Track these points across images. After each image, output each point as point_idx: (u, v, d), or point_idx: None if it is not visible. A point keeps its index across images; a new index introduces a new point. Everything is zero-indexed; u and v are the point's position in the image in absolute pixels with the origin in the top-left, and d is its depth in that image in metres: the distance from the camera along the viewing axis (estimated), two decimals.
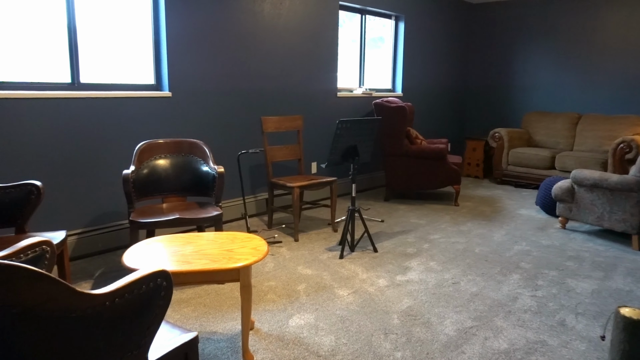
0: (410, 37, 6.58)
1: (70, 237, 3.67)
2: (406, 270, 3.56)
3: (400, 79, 6.57)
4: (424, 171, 5.47)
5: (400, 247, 4.07)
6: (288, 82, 5.10)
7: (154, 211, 3.30)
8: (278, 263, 3.67)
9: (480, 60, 7.77)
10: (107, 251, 3.87)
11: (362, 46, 6.09)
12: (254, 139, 4.88)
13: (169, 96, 4.16)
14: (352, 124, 3.70)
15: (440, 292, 3.17)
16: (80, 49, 3.72)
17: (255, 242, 2.48)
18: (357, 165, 3.86)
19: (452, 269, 3.59)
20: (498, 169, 6.78)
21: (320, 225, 4.70)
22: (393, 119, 5.40)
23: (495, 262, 3.74)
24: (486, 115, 7.83)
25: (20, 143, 3.36)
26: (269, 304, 2.98)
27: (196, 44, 4.27)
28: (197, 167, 3.61)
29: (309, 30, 5.22)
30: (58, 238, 2.64)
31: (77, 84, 3.73)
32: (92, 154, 3.74)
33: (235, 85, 4.63)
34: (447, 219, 4.94)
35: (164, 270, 1.41)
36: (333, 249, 3.98)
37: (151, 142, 3.55)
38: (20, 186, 2.72)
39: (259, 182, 5.01)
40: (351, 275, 3.44)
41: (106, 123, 3.80)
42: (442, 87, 7.38)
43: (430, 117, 7.25)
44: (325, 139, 5.62)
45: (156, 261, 2.21)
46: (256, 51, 4.75)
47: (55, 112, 3.52)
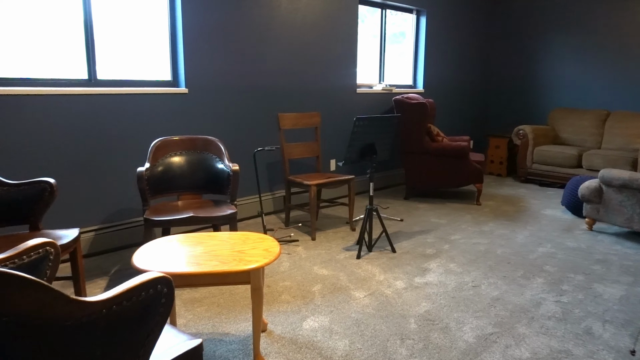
0: (432, 31, 6.43)
1: (87, 233, 3.67)
2: (425, 272, 3.46)
3: (422, 74, 6.43)
4: (445, 169, 5.34)
5: (419, 247, 3.97)
6: (306, 78, 5.02)
7: (168, 209, 3.26)
8: (294, 262, 3.60)
9: (504, 55, 7.56)
10: (123, 248, 3.86)
11: (382, 41, 5.97)
12: (271, 136, 4.82)
13: (185, 92, 4.12)
14: (370, 121, 3.60)
15: (459, 296, 3.06)
16: (97, 45, 3.70)
17: (268, 243, 2.41)
18: (375, 164, 3.76)
19: (473, 272, 3.47)
20: (522, 167, 6.59)
21: (338, 223, 4.61)
22: (413, 116, 5.28)
23: (518, 265, 3.61)
24: (510, 111, 7.63)
25: (36, 140, 3.36)
26: (283, 305, 2.92)
27: (213, 39, 4.22)
28: (213, 165, 3.56)
29: (328, 26, 5.13)
30: (71, 236, 2.61)
31: (93, 81, 3.71)
32: (108, 150, 3.73)
33: (252, 82, 4.57)
34: (468, 219, 4.81)
35: (164, 276, 1.34)
36: (350, 249, 3.90)
37: (166, 139, 3.51)
38: (33, 183, 2.70)
39: (277, 180, 4.95)
40: (368, 277, 3.35)
41: (122, 119, 3.78)
42: (464, 83, 7.21)
43: (452, 113, 7.09)
44: (344, 136, 5.53)
45: (165, 262, 2.16)
46: (273, 47, 4.68)
47: (71, 108, 3.51)
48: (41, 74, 3.48)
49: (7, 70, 3.32)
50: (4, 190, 2.67)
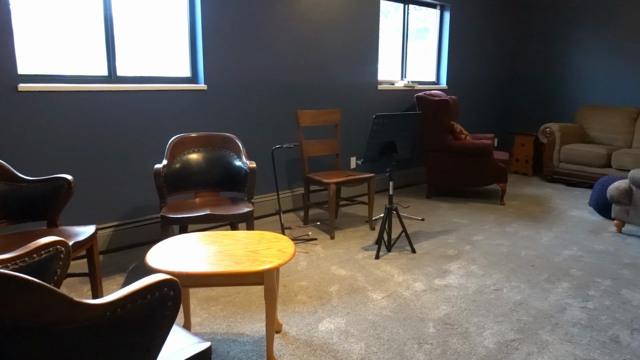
0: (456, 27, 6.29)
1: (105, 230, 3.68)
2: (445, 273, 3.37)
3: (445, 70, 6.30)
4: (467, 168, 5.22)
5: (439, 248, 3.88)
6: (326, 75, 4.96)
7: (185, 206, 3.25)
8: (311, 262, 3.56)
9: (531, 50, 7.36)
10: (141, 244, 3.87)
11: (405, 37, 5.87)
12: (290, 133, 4.77)
13: (204, 89, 4.10)
14: (390, 118, 3.53)
15: (480, 299, 2.97)
16: (117, 42, 3.70)
17: (282, 243, 2.36)
18: (394, 162, 3.69)
19: (495, 274, 3.37)
20: (548, 166, 6.41)
21: (357, 222, 4.55)
22: (435, 113, 5.17)
23: (542, 268, 3.49)
24: (536, 108, 7.43)
25: (56, 136, 3.38)
26: (299, 305, 2.87)
27: (232, 35, 4.19)
28: (230, 162, 3.54)
29: (349, 21, 5.06)
30: (87, 233, 2.61)
31: (113, 77, 3.72)
32: (127, 147, 3.73)
33: (271, 78, 4.53)
34: (492, 219, 4.69)
35: (171, 278, 1.31)
36: (369, 249, 3.83)
37: (184, 136, 3.49)
38: (51, 180, 2.71)
39: (296, 177, 4.91)
40: (386, 277, 3.28)
41: (141, 116, 3.78)
42: (489, 79, 7.05)
43: (476, 110, 6.95)
44: (364, 133, 5.45)
45: (179, 261, 2.13)
46: (293, 42, 4.63)
47: (91, 105, 3.52)
48: (62, 71, 3.50)
49: (28, 67, 3.35)
50: (22, 187, 2.68)
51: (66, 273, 1.66)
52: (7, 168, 2.69)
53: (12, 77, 3.17)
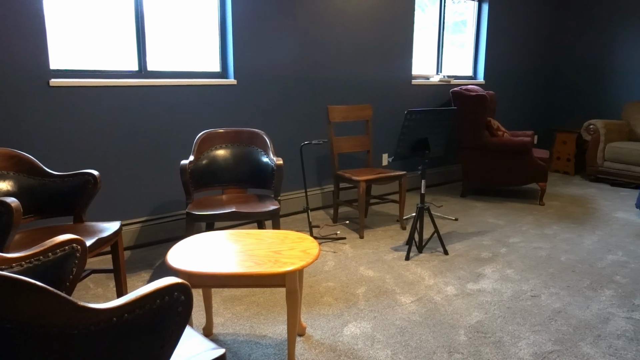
0: (495, 19, 6.05)
1: (133, 225, 3.69)
2: (479, 277, 3.22)
3: (483, 65, 6.08)
4: (505, 166, 5.02)
5: (473, 250, 3.72)
6: (358, 69, 4.84)
7: (211, 203, 3.21)
8: (339, 262, 3.47)
9: (574, 43, 7.03)
10: (168, 240, 3.86)
11: (441, 30, 5.68)
12: (321, 128, 4.68)
13: (234, 84, 4.05)
14: (423, 114, 3.39)
15: (516, 306, 2.82)
16: (148, 36, 3.69)
17: (306, 244, 2.28)
18: (427, 160, 3.55)
19: (532, 279, 3.20)
20: (592, 165, 6.11)
21: (388, 221, 4.43)
22: (472, 109, 4.98)
23: (583, 274, 3.29)
24: (579, 104, 7.10)
25: (86, 131, 3.40)
26: (324, 307, 2.79)
27: (262, 29, 4.13)
28: (258, 158, 3.48)
29: (383, 14, 4.92)
30: (112, 229, 2.60)
31: (144, 72, 3.71)
32: (157, 142, 3.72)
33: (301, 72, 4.44)
34: (530, 220, 4.48)
35: (182, 282, 1.24)
36: (399, 249, 3.71)
37: (211, 132, 3.45)
38: (77, 175, 2.70)
39: (326, 174, 4.82)
40: (416, 280, 3.16)
41: (171, 111, 3.76)
42: (529, 74, 6.77)
43: (514, 106, 6.68)
44: (396, 129, 5.31)
45: (199, 261, 2.07)
46: (325, 36, 4.53)
47: (121, 100, 3.52)
48: (93, 66, 3.51)
49: (60, 62, 3.37)
50: (50, 182, 2.68)
51: (82, 272, 1.62)
52: (35, 163, 2.70)
53: (44, 72, 3.19)
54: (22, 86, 3.12)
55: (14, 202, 2.07)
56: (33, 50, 3.13)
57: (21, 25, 3.07)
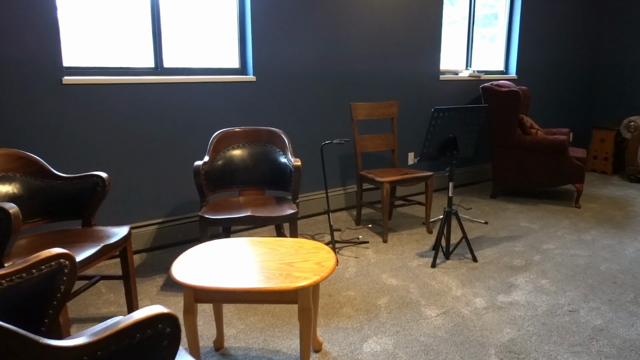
0: (529, 10, 5.74)
1: (150, 227, 3.58)
2: (510, 288, 2.99)
3: (515, 59, 5.77)
4: (539, 166, 4.73)
5: (505, 257, 3.48)
6: (383, 65, 4.62)
7: (227, 206, 3.06)
8: (361, 268, 3.28)
9: (614, 35, 6.63)
10: (187, 242, 3.74)
11: (471, 24, 5.41)
12: (344, 126, 4.49)
13: (253, 80, 3.90)
14: (451, 112, 3.17)
15: (552, 323, 2.59)
16: (164, 33, 3.56)
17: (322, 255, 2.10)
18: (455, 161, 3.33)
19: (570, 292, 2.95)
20: (632, 165, 5.75)
21: (413, 224, 4.22)
22: (504, 105, 4.72)
23: (627, 286, 3.03)
24: (619, 100, 6.71)
25: (100, 130, 3.29)
26: (343, 319, 2.61)
27: (283, 23, 3.96)
28: (276, 159, 3.32)
29: (410, 6, 4.68)
30: (120, 234, 2.48)
31: (160, 69, 3.59)
32: (174, 141, 3.60)
33: (324, 68, 4.26)
34: (566, 224, 4.21)
35: (168, 313, 1.08)
36: (425, 255, 3.51)
37: (228, 131, 3.31)
38: (86, 177, 2.59)
39: (349, 174, 4.63)
40: (443, 290, 2.95)
41: (188, 109, 3.63)
42: (565, 68, 6.42)
43: (549, 103, 6.35)
44: (423, 127, 5.08)
45: (205, 274, 1.92)
46: (348, 30, 4.33)
47: (136, 98, 3.40)
48: (107, 63, 3.40)
49: (73, 59, 3.27)
50: (58, 184, 2.58)
51: (72, 288, 1.49)
52: (43, 165, 2.59)
53: (57, 70, 3.10)
54: (33, 84, 3.03)
55: (12, 207, 1.96)
56: (45, 47, 3.04)
57: (33, 21, 2.98)
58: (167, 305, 2.75)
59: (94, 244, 2.33)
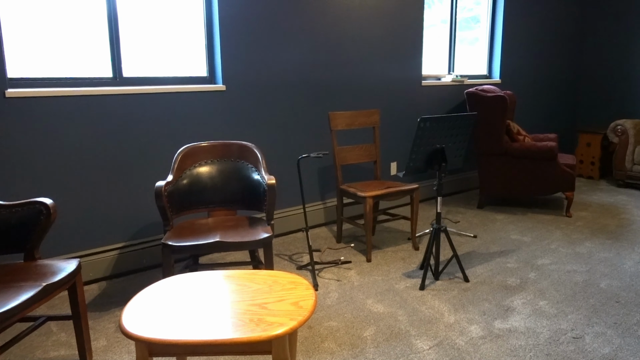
0: (512, 12, 5.56)
1: (110, 252, 3.24)
2: (507, 312, 2.74)
3: (498, 63, 5.58)
4: (528, 174, 4.53)
5: (498, 275, 3.24)
6: (363, 71, 4.37)
7: (194, 230, 2.76)
8: (344, 293, 3.00)
9: (598, 38, 6.51)
10: (153, 268, 3.42)
11: (453, 27, 5.20)
12: (322, 137, 4.22)
13: (223, 90, 3.60)
14: (438, 122, 2.92)
15: (556, 352, 2.34)
16: (123, 39, 3.25)
17: (300, 293, 1.82)
18: (444, 174, 3.08)
19: (571, 314, 2.71)
20: (620, 169, 5.60)
21: (398, 239, 3.96)
22: (490, 111, 4.50)
23: (631, 305, 2.81)
24: (604, 103, 6.58)
25: (51, 148, 2.96)
26: (325, 356, 2.33)
27: (254, 28, 3.67)
28: (248, 176, 3.02)
29: (390, 10, 4.45)
30: (68, 269, 2.16)
31: (119, 79, 3.27)
32: (137, 157, 3.28)
33: (300, 76, 3.98)
34: (559, 236, 3.99)
35: None
36: (412, 275, 3.24)
37: (194, 147, 3.00)
38: (27, 204, 2.26)
39: (329, 187, 4.36)
40: (434, 317, 2.69)
41: (151, 122, 3.32)
42: (549, 72, 6.26)
43: (534, 107, 6.18)
44: (406, 135, 4.84)
45: (162, 322, 1.62)
46: (326, 36, 4.07)
47: (92, 110, 3.08)
48: (58, 73, 3.07)
49: (19, 70, 2.93)
50: None
51: None
52: None
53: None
54: None
55: None
56: None
57: None
58: (125, 347, 2.43)
59: (34, 284, 2.00)
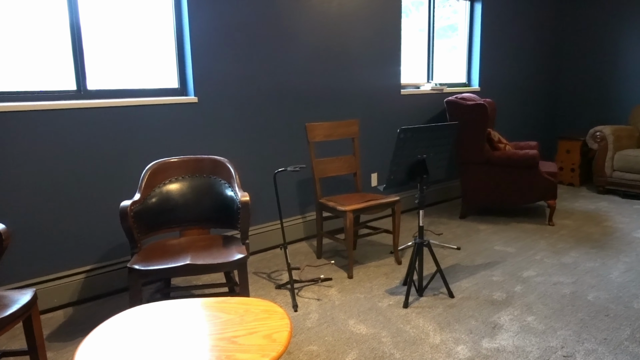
0: (489, 20, 5.52)
1: (76, 276, 3.05)
2: (495, 330, 2.63)
3: (477, 71, 5.53)
4: (510, 183, 4.45)
5: (484, 289, 3.13)
6: (341, 80, 4.26)
7: (164, 251, 2.59)
8: (324, 313, 2.86)
9: (577, 45, 6.52)
10: (124, 290, 3.23)
11: (431, 35, 5.13)
12: (300, 149, 4.09)
13: (195, 102, 3.45)
14: (419, 132, 2.81)
15: None
16: (88, 51, 3.08)
17: (273, 323, 1.67)
18: (426, 186, 2.97)
19: (560, 330, 2.61)
20: (600, 176, 5.58)
21: (381, 253, 3.84)
22: (470, 120, 4.42)
23: (620, 319, 2.72)
24: (583, 110, 6.58)
25: (10, 166, 2.77)
26: None
27: (227, 38, 3.54)
28: (221, 192, 2.87)
29: (367, 17, 4.35)
30: (21, 301, 1.98)
31: (83, 92, 3.10)
32: (103, 174, 3.10)
33: (275, 86, 3.85)
34: (543, 246, 3.91)
35: None
36: (396, 292, 3.12)
37: (164, 162, 2.84)
38: None
39: (309, 200, 4.22)
40: (419, 338, 2.56)
41: (119, 137, 3.15)
42: (528, 79, 6.23)
43: (514, 115, 6.14)
44: (387, 145, 4.73)
45: None
46: (302, 44, 3.95)
47: (54, 126, 2.90)
48: (13, 86, 2.89)
49: None
50: None
51: None
52: None
53: None
54: None
55: None
56: None
57: None
58: None
59: None
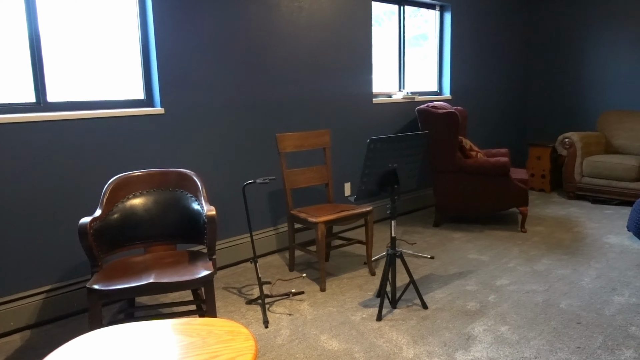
0: (459, 29, 5.56)
1: (34, 297, 2.91)
2: (469, 341, 2.59)
3: (448, 79, 5.56)
4: (482, 190, 4.46)
5: (457, 299, 3.10)
6: (312, 90, 4.21)
7: (126, 269, 2.49)
8: (296, 329, 2.78)
9: (545, 53, 6.63)
10: (86, 311, 3.10)
11: (401, 43, 5.14)
12: (271, 160, 4.02)
13: (162, 113, 3.36)
14: (389, 142, 2.78)
15: None
16: (48, 62, 2.97)
17: (238, 345, 1.60)
18: (397, 196, 2.93)
19: (534, 339, 2.59)
20: (570, 182, 5.65)
21: (354, 264, 3.78)
22: (442, 128, 4.43)
23: (592, 327, 2.71)
24: (552, 117, 6.68)
25: None
26: None
27: (194, 47, 3.46)
28: (188, 206, 2.78)
29: (338, 26, 4.33)
30: None
31: (43, 104, 2.98)
32: (64, 191, 2.98)
33: (244, 97, 3.79)
34: (516, 253, 3.91)
35: None
36: (369, 305, 3.06)
37: (127, 177, 2.74)
38: None
39: (280, 211, 4.15)
40: (392, 352, 2.51)
41: (81, 150, 3.03)
42: (498, 86, 6.30)
43: (485, 122, 6.19)
44: (359, 155, 4.70)
45: None
46: (271, 53, 3.89)
47: (11, 140, 2.77)
48: None
49: None
50: None
51: None
52: None
53: None
54: None
55: None
56: None
57: None
58: None
59: None
